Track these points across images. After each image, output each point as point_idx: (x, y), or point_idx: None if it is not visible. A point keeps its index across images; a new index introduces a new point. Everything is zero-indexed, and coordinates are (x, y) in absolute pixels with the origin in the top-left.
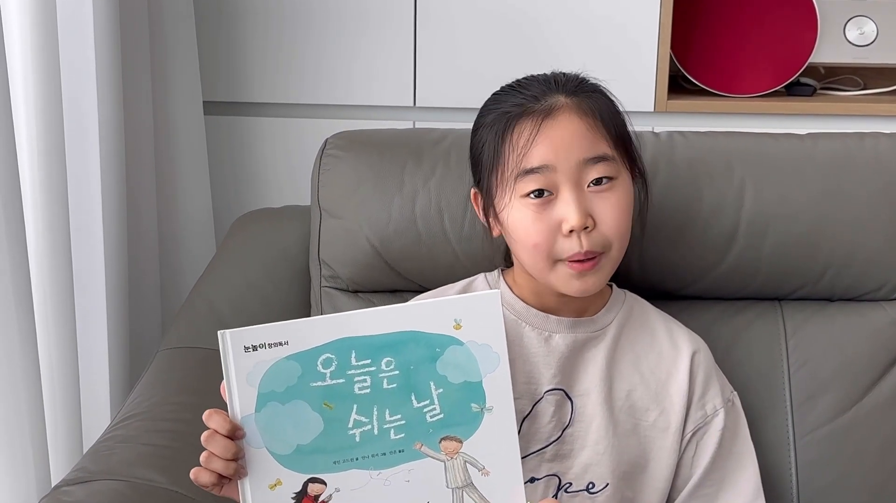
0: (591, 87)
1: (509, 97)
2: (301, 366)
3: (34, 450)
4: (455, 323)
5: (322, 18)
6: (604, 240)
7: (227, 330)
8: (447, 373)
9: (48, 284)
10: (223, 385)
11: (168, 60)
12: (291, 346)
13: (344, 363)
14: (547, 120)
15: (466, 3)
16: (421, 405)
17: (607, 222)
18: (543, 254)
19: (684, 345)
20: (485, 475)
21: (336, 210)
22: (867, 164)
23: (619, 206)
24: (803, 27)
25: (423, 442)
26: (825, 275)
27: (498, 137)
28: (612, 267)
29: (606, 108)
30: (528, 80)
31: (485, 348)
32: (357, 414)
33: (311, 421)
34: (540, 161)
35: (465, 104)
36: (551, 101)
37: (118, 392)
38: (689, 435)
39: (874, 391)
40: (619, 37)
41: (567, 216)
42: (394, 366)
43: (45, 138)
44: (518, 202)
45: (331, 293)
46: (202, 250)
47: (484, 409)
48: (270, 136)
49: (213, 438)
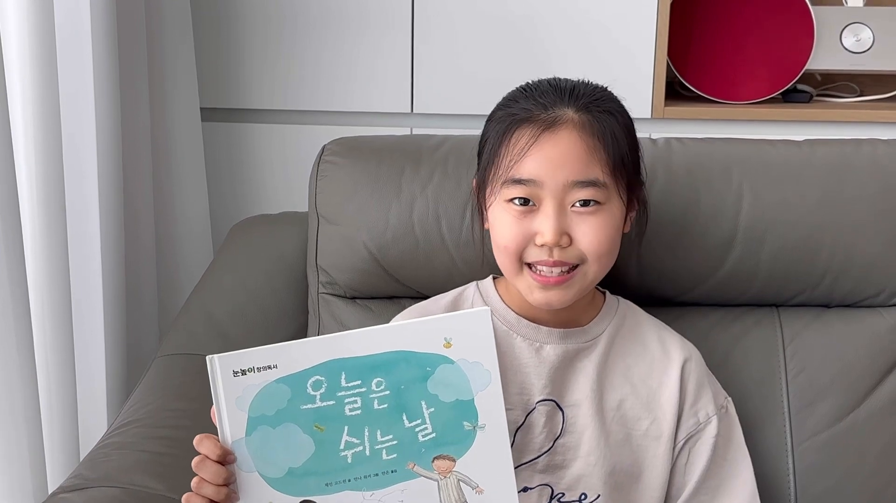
0: (607, 106)
1: (522, 99)
2: (291, 389)
3: (31, 456)
4: (445, 341)
5: (319, 25)
6: (579, 254)
7: (216, 355)
8: (438, 392)
9: (45, 291)
10: (213, 410)
11: (166, 67)
12: (280, 370)
13: (334, 385)
14: (546, 132)
15: (464, 10)
16: (413, 425)
17: (584, 241)
18: (513, 257)
19: (675, 352)
20: (479, 493)
21: (334, 216)
22: (865, 170)
23: (599, 230)
24: (800, 34)
25: (416, 461)
26: (823, 282)
27: (498, 137)
28: (584, 285)
29: (613, 132)
30: (543, 85)
31: (476, 366)
32: (348, 435)
33: (303, 443)
34: (528, 174)
35: (462, 110)
36: (558, 113)
37: (115, 398)
38: (681, 442)
39: (872, 397)
40: (617, 43)
41: (543, 230)
42: (384, 386)
43: (42, 145)
44: (502, 203)
45: (328, 299)
46: (199, 257)
47: (476, 427)
48: (268, 143)
49: (204, 464)
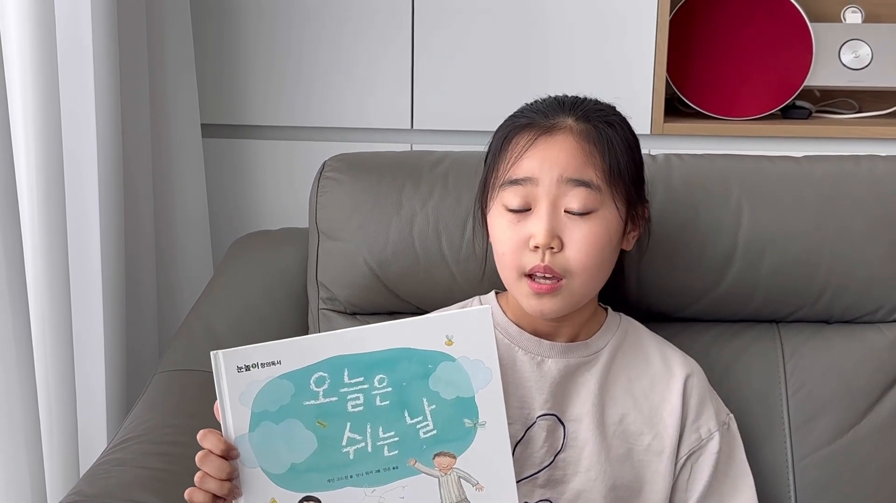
0: (609, 119)
1: (527, 110)
2: (294, 385)
3: (30, 473)
4: (447, 339)
5: (320, 42)
6: (566, 265)
7: (220, 350)
8: (439, 390)
9: (45, 306)
10: (216, 405)
11: (167, 84)
12: (284, 366)
13: (337, 381)
14: (544, 135)
15: (463, 27)
16: (414, 422)
17: (573, 248)
18: (511, 265)
19: (678, 368)
20: (479, 490)
21: (334, 232)
22: (864, 186)
23: (590, 237)
24: (798, 51)
25: (417, 458)
26: (822, 297)
27: (499, 143)
28: (574, 296)
29: (611, 141)
30: (549, 99)
31: (477, 364)
32: (351, 431)
33: (305, 439)
34: (524, 173)
35: (462, 127)
36: (558, 120)
37: (115, 414)
38: (683, 458)
39: (872, 413)
40: (616, 60)
41: (536, 232)
42: (386, 383)
43: (43, 162)
44: (500, 209)
45: (328, 315)
46: (200, 272)
47: (477, 425)
48: (268, 159)
49: (208, 458)
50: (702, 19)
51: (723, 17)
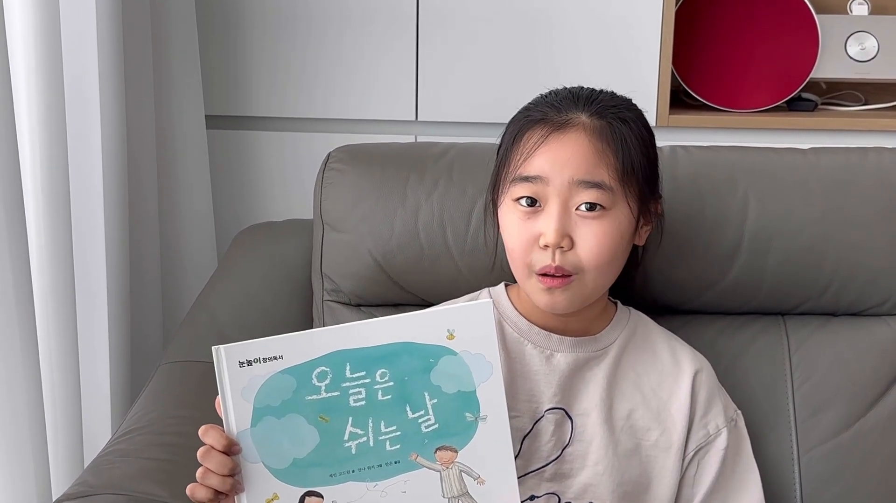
0: (623, 115)
1: (540, 104)
2: (296, 380)
3: (35, 463)
4: (448, 333)
5: (324, 33)
6: (577, 262)
7: (222, 345)
8: (441, 384)
9: (49, 298)
10: (218, 400)
11: (171, 75)
12: (286, 360)
13: (339, 376)
14: (556, 132)
15: (468, 19)
16: (416, 416)
17: (584, 247)
18: (521, 262)
19: (686, 364)
20: (480, 484)
21: (338, 224)
22: (870, 178)
23: (601, 236)
24: (804, 43)
25: (419, 452)
26: (828, 290)
27: (512, 137)
28: (585, 292)
29: (625, 138)
30: (563, 92)
31: (478, 358)
32: (353, 426)
33: (307, 434)
34: (535, 171)
35: (467, 118)
36: (571, 116)
37: (119, 405)
38: (690, 454)
39: (878, 406)
40: (622, 52)
41: (545, 231)
42: (388, 377)
43: (47, 154)
44: (511, 204)
45: (333, 307)
46: (204, 264)
47: (478, 419)
48: (273, 150)
49: (209, 454)
50: (707, 11)
51: (728, 9)
